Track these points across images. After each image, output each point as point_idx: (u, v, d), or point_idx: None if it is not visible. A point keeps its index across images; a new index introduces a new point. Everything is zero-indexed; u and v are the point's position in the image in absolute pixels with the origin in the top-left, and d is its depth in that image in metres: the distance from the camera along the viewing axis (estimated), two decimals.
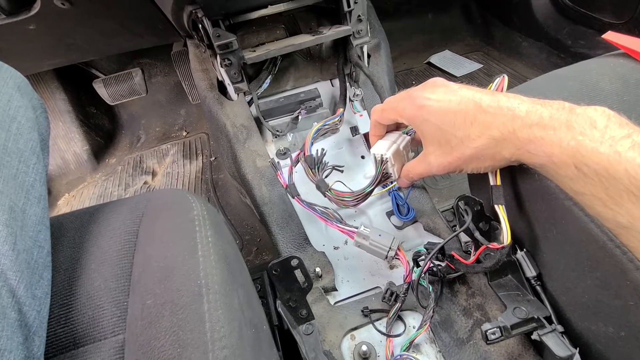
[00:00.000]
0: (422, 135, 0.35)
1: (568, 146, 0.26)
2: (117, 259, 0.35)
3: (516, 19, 1.25)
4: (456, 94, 0.33)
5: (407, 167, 0.41)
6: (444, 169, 0.35)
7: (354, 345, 0.43)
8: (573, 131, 0.27)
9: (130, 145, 1.27)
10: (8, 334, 0.26)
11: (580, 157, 0.26)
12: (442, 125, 0.33)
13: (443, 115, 0.33)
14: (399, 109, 0.37)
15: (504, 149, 0.30)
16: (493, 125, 0.30)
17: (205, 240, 0.34)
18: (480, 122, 0.31)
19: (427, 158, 0.36)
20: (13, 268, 0.28)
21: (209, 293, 0.30)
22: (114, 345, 0.32)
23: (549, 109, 0.29)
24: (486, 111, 0.31)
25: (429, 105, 0.34)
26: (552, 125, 0.28)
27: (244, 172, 0.63)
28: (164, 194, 0.41)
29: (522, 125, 0.29)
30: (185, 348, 0.27)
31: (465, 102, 0.32)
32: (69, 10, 0.58)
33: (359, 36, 0.66)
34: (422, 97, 0.34)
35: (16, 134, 0.34)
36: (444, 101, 0.33)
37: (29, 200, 0.32)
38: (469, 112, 0.31)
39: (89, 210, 0.40)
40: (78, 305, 0.33)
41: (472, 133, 0.31)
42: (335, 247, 0.54)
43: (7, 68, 0.37)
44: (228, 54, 0.61)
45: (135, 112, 1.31)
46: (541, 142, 0.28)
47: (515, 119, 0.29)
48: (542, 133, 0.28)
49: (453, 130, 0.32)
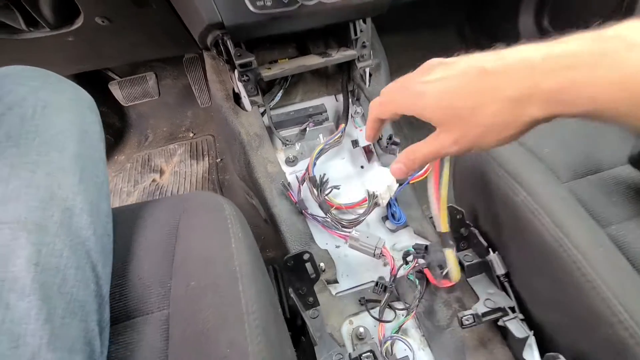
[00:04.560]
0: (429, 121, 0.31)
1: (613, 80, 0.22)
2: (161, 248, 0.43)
3: (505, 42, 1.35)
4: (455, 67, 0.29)
5: (412, 149, 0.33)
6: (459, 147, 0.30)
7: (352, 329, 0.51)
8: (613, 59, 0.22)
9: (139, 143, 1.33)
10: (90, 300, 0.34)
11: (635, 85, 0.21)
12: (448, 103, 0.29)
13: (445, 95, 0.29)
14: (397, 101, 0.33)
15: (528, 107, 0.25)
16: (506, 85, 0.26)
17: (237, 235, 0.42)
18: (489, 87, 0.26)
19: (439, 137, 0.31)
20: (94, 249, 0.36)
21: (242, 277, 0.37)
22: (160, 318, 0.39)
23: (571, 44, 0.24)
24: (493, 72, 0.26)
25: (428, 90, 0.30)
26: (584, 61, 0.23)
27: (256, 176, 0.71)
28: (199, 195, 0.48)
29: (544, 73, 0.24)
30: (226, 319, 0.34)
31: (465, 71, 0.28)
32: (107, 26, 0.65)
33: (363, 60, 0.74)
34: (419, 83, 0.30)
35: (89, 144, 0.41)
36: (443, 80, 0.29)
37: (101, 197, 0.40)
38: (472, 80, 0.27)
39: (134, 207, 0.47)
40: (129, 285, 0.41)
41: (483, 101, 0.27)
42: (337, 246, 0.62)
43: (82, 91, 0.44)
44: (247, 71, 0.69)
45: (144, 112, 1.37)
46: (577, 87, 0.23)
47: (533, 70, 0.25)
48: (573, 75, 0.23)
49: (461, 102, 0.28)
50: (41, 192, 0.35)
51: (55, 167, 0.37)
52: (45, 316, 0.30)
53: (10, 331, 0.29)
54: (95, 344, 0.34)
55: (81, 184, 0.38)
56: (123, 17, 0.65)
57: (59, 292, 0.32)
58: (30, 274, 0.31)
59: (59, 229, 0.34)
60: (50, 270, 0.32)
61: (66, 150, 0.38)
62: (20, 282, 0.31)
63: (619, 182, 0.49)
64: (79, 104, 0.43)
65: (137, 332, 0.38)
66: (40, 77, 0.43)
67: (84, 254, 0.35)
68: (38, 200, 0.34)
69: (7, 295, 0.30)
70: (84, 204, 0.37)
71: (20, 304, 0.30)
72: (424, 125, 1.03)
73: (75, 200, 0.36)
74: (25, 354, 0.29)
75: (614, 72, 0.22)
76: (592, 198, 0.48)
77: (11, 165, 0.35)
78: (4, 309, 0.30)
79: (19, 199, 0.34)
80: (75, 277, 0.33)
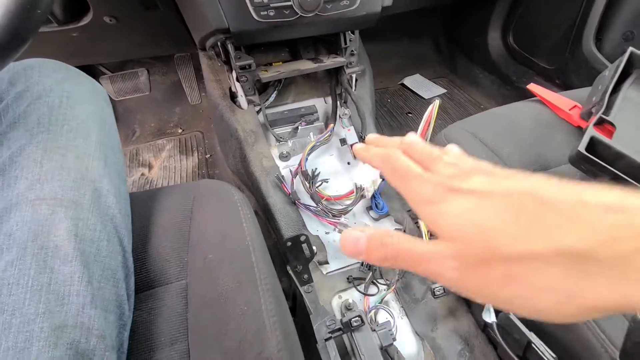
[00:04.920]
0: (441, 230, 0.21)
1: None
2: (177, 228, 0.48)
3: (476, 55, 1.48)
4: (502, 185, 0.20)
5: (397, 237, 0.23)
6: (470, 287, 0.20)
7: (341, 302, 0.59)
8: None
9: (126, 138, 1.34)
10: (119, 269, 0.39)
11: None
12: (479, 219, 0.20)
13: (481, 209, 0.20)
14: (412, 190, 0.24)
15: (594, 279, 0.16)
16: (568, 228, 0.17)
17: (246, 217, 0.48)
18: (546, 221, 0.18)
19: (445, 260, 0.20)
20: (121, 225, 0.41)
21: (254, 250, 0.44)
22: (179, 287, 0.45)
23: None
24: (556, 206, 0.18)
25: (456, 198, 0.21)
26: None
27: (252, 169, 0.77)
28: (209, 183, 0.54)
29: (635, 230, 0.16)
30: (242, 283, 0.41)
31: (516, 195, 0.19)
32: (113, 25, 0.68)
33: (351, 66, 0.82)
34: (447, 183, 0.22)
35: (109, 133, 0.46)
36: (481, 193, 0.20)
37: (120, 181, 0.45)
38: (525, 207, 0.19)
39: (148, 193, 0.52)
40: (150, 259, 0.46)
41: (532, 236, 0.18)
42: (327, 232, 0.69)
43: (97, 84, 0.49)
44: (245, 73, 0.75)
45: (131, 107, 1.38)
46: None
47: (624, 220, 0.16)
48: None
49: (497, 225, 0.19)
50: (73, 174, 0.40)
51: (82, 152, 0.42)
52: (87, 279, 0.35)
53: (57, 291, 0.34)
54: (124, 307, 0.39)
55: (106, 169, 0.43)
56: (130, 17, 0.69)
57: (95, 260, 0.37)
58: (71, 244, 0.36)
59: (91, 206, 0.39)
60: (87, 241, 0.37)
61: (90, 138, 0.43)
62: (62, 250, 0.36)
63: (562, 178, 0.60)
64: (97, 96, 0.48)
65: (158, 299, 0.44)
66: (63, 69, 0.47)
67: (113, 229, 0.40)
68: (71, 180, 0.39)
69: (52, 261, 0.35)
70: (110, 186, 0.42)
71: (64, 269, 0.35)
72: (402, 128, 1.16)
73: (102, 183, 0.41)
74: (71, 310, 0.34)
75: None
76: None
77: (44, 148, 0.40)
78: (49, 273, 0.34)
79: (54, 178, 0.38)
80: (107, 248, 0.39)
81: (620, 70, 0.62)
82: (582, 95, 0.69)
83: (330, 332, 0.48)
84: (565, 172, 0.60)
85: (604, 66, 1.02)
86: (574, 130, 0.66)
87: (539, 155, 0.62)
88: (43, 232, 0.36)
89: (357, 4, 0.69)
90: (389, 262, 0.23)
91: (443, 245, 0.21)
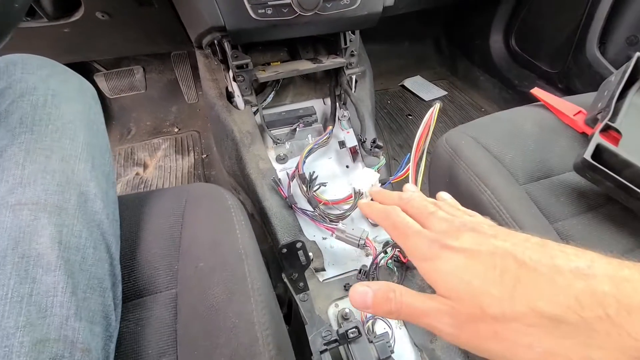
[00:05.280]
0: (437, 286, 0.23)
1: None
2: (167, 234, 0.46)
3: (477, 57, 1.47)
4: (488, 243, 0.23)
5: (399, 290, 0.25)
6: (463, 341, 0.22)
7: (337, 311, 0.57)
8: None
9: (121, 136, 1.32)
10: (106, 277, 0.37)
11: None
12: (468, 278, 0.22)
13: (469, 268, 0.22)
14: (410, 245, 0.26)
15: (565, 341, 0.18)
16: (544, 292, 0.19)
17: (240, 223, 0.46)
18: (526, 284, 0.20)
19: (442, 316, 0.22)
20: (108, 232, 0.39)
21: (247, 258, 0.42)
22: (168, 296, 0.43)
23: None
24: (534, 269, 0.20)
25: (449, 255, 0.23)
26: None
27: (248, 172, 0.75)
28: (202, 187, 0.52)
29: (609, 297, 0.17)
30: (234, 294, 0.39)
31: (500, 255, 0.21)
32: (106, 21, 0.66)
33: (351, 67, 0.80)
34: (441, 240, 0.24)
35: (96, 133, 0.44)
36: (470, 252, 0.23)
37: (109, 184, 0.43)
38: (508, 268, 0.21)
39: (138, 196, 0.50)
40: (138, 267, 0.44)
41: (515, 299, 0.20)
42: (324, 238, 0.67)
43: (85, 82, 0.46)
44: (242, 72, 0.73)
45: (127, 105, 1.36)
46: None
47: (589, 287, 0.18)
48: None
49: (485, 285, 0.21)
50: (57, 177, 0.38)
51: (68, 153, 0.39)
52: (72, 289, 0.33)
53: (39, 303, 0.32)
54: (111, 318, 0.37)
55: (93, 171, 0.41)
56: (123, 13, 0.67)
57: (81, 269, 0.35)
58: (55, 251, 0.34)
59: (76, 211, 0.37)
60: (71, 248, 0.35)
61: (77, 139, 0.41)
62: (45, 258, 0.34)
63: (566, 185, 0.58)
64: (84, 94, 0.46)
65: (147, 309, 0.42)
66: (49, 66, 0.45)
67: (100, 235, 0.38)
68: (55, 184, 0.37)
69: (34, 270, 0.33)
70: (97, 190, 0.40)
71: (46, 279, 0.33)
72: (402, 130, 1.14)
73: (89, 186, 0.39)
74: (53, 322, 0.32)
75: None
76: (544, 198, 0.56)
77: (26, 150, 0.38)
78: (31, 283, 0.32)
79: (36, 182, 0.36)
80: (93, 256, 0.37)
81: (627, 76, 0.60)
82: (586, 100, 0.68)
83: (325, 344, 0.46)
84: (569, 180, 0.59)
85: (608, 71, 1.01)
86: (578, 136, 0.64)
87: (543, 162, 0.61)
88: (24, 240, 0.34)
89: (357, 3, 0.67)
90: (393, 315, 0.25)
91: (440, 302, 0.23)
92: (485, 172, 0.57)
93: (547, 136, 0.64)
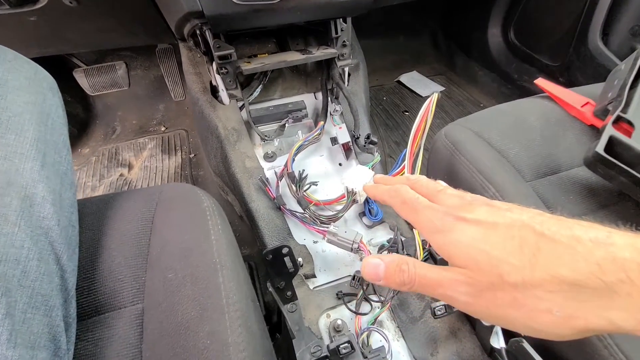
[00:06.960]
0: (452, 258, 0.24)
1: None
2: (134, 240, 0.41)
3: (475, 51, 1.42)
4: (504, 216, 0.23)
5: (412, 262, 0.25)
6: (480, 309, 0.22)
7: (329, 322, 0.52)
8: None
9: (105, 136, 1.26)
10: (54, 293, 0.32)
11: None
12: (487, 248, 0.22)
13: (488, 239, 0.22)
14: (422, 219, 0.26)
15: (586, 304, 0.19)
16: (565, 260, 0.19)
17: (216, 227, 0.41)
18: (546, 253, 0.20)
19: (459, 285, 0.22)
20: (59, 240, 0.33)
21: (222, 269, 0.37)
22: (134, 312, 0.38)
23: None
24: (553, 239, 0.20)
25: (464, 227, 0.23)
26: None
27: (233, 171, 0.70)
28: (175, 187, 0.47)
29: (630, 262, 0.18)
30: (206, 310, 0.34)
31: (518, 227, 0.22)
32: (74, 8, 0.61)
33: (342, 59, 0.75)
34: (454, 213, 0.24)
35: (51, 128, 0.39)
36: (487, 223, 0.23)
37: (64, 186, 0.37)
38: (527, 239, 0.21)
39: (104, 198, 0.45)
40: (100, 279, 0.39)
41: (535, 266, 0.20)
42: (315, 241, 0.62)
43: (41, 70, 0.41)
44: (226, 64, 0.67)
45: (111, 103, 1.30)
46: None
47: (610, 254, 0.18)
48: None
49: (504, 255, 0.21)
50: None
51: (12, 150, 0.34)
52: (5, 310, 0.28)
53: None
54: (60, 340, 0.32)
55: (42, 171, 0.35)
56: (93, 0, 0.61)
57: (20, 285, 0.30)
58: None
59: (18, 218, 0.32)
60: (10, 262, 0.30)
61: (25, 134, 0.36)
62: None
63: (575, 182, 0.54)
64: (38, 84, 0.40)
65: (108, 327, 0.36)
66: None
67: (47, 245, 0.33)
68: None
69: None
70: (46, 192, 0.35)
71: None
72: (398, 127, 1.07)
73: (36, 188, 0.34)
74: None
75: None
76: (552, 196, 0.52)
77: None
78: None
79: None
80: (37, 270, 0.31)
81: (639, 63, 0.56)
82: (593, 91, 0.63)
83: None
84: (579, 176, 0.54)
85: (612, 63, 0.96)
86: (586, 129, 0.60)
87: (550, 157, 0.56)
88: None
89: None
90: (406, 286, 0.25)
91: (455, 272, 0.23)
92: (488, 168, 0.52)
93: (553, 129, 0.59)
